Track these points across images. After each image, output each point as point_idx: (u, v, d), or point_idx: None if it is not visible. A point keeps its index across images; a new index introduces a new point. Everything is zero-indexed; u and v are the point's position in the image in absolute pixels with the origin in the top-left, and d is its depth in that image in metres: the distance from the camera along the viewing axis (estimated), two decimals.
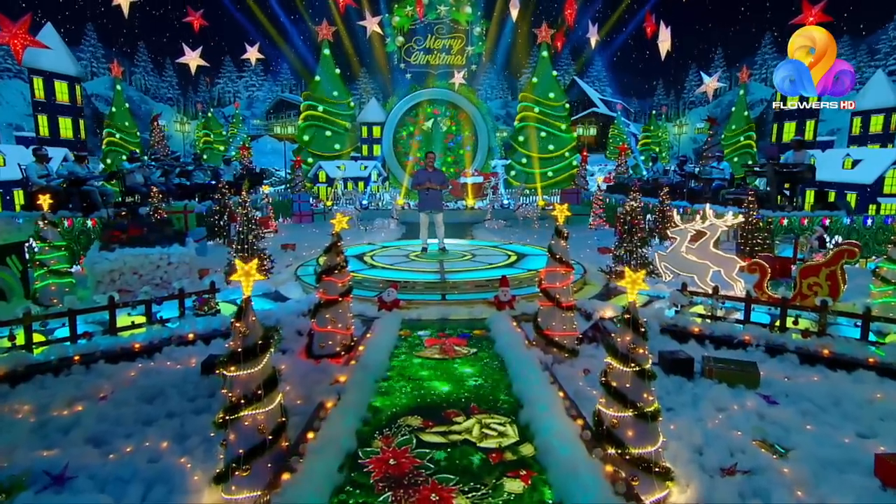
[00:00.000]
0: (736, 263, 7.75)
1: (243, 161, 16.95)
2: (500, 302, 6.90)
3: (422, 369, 4.90)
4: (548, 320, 5.39)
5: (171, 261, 7.27)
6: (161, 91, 23.98)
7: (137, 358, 5.19)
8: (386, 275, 7.96)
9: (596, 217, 15.70)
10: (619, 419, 3.09)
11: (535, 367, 4.57)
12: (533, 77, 22.09)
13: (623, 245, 8.33)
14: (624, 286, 3.21)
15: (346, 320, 5.46)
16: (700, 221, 7.81)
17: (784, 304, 5.54)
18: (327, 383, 4.42)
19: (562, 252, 5.35)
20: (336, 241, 5.45)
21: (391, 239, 13.18)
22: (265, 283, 7.97)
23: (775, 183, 11.05)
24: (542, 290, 5.43)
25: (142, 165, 12.41)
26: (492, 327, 6.09)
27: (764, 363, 5.01)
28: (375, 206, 19.30)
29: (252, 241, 8.01)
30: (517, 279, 7.77)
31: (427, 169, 9.78)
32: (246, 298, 2.96)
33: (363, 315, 6.69)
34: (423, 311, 6.76)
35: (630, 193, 8.50)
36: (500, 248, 10.59)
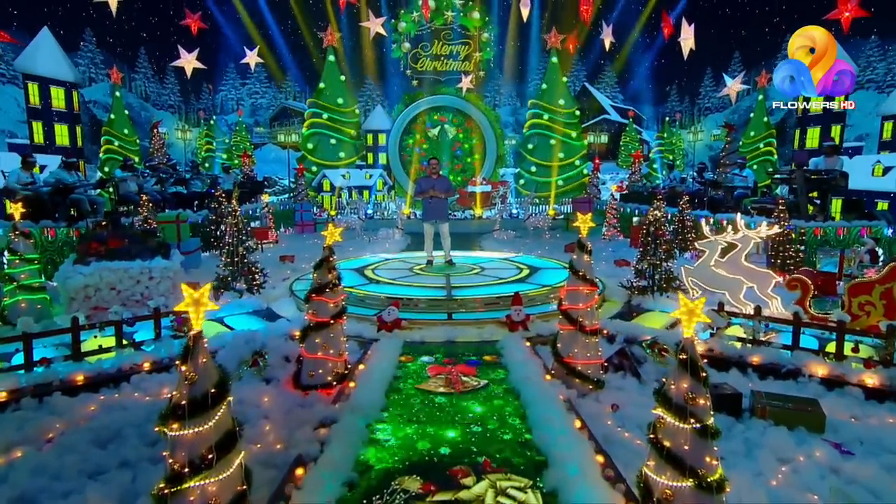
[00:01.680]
0: (771, 278, 7.05)
1: (244, 169, 16.42)
2: (513, 322, 6.23)
3: (424, 407, 4.20)
4: (569, 346, 4.71)
5: (153, 275, 6.66)
6: (162, 98, 23.57)
7: (102, 388, 4.56)
8: (387, 291, 7.30)
9: (610, 227, 15.01)
10: (675, 490, 2.41)
11: (558, 408, 3.87)
12: (542, 83, 21.55)
13: (646, 258, 7.64)
14: (676, 317, 2.55)
15: (338, 345, 4.81)
16: (731, 233, 7.12)
17: (842, 327, 4.83)
18: (313, 425, 3.76)
19: (585, 268, 4.68)
20: (328, 255, 4.82)
21: (395, 250, 12.55)
22: (255, 300, 7.35)
23: (805, 191, 10.33)
24: (562, 311, 4.75)
25: (136, 173, 11.88)
26: (504, 352, 5.41)
27: (822, 398, 4.29)
28: (381, 216, 18.76)
29: (243, 253, 7.39)
30: (530, 296, 7.10)
31: (431, 176, 9.15)
32: (195, 334, 2.32)
33: (361, 336, 6.04)
34: (428, 332, 6.09)
35: (654, 202, 7.80)
36: (510, 260, 9.92)
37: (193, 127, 24.11)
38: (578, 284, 4.67)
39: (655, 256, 7.53)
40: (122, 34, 20.04)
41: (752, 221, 10.76)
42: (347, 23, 21.72)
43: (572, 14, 19.95)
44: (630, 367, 5.00)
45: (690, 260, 10.54)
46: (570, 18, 21.04)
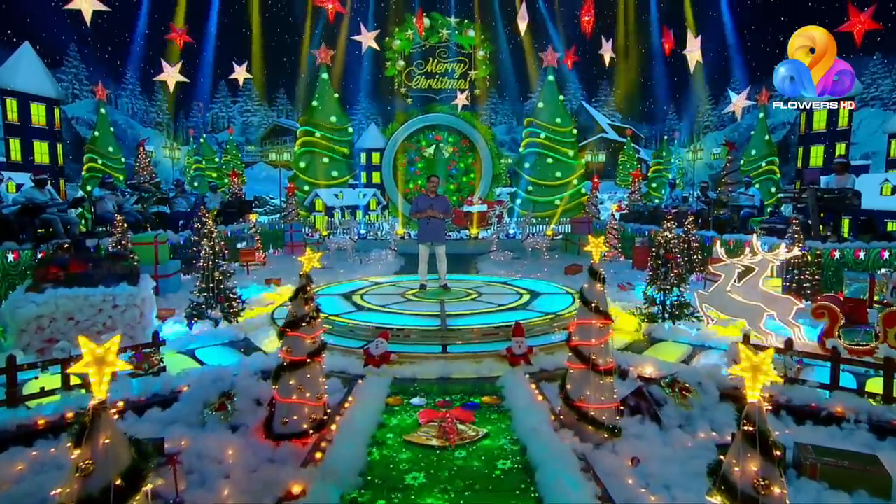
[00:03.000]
0: (793, 305, 6.50)
1: (232, 188, 15.84)
2: (514, 356, 5.63)
3: (412, 468, 3.55)
4: (580, 388, 4.12)
5: (118, 303, 6.03)
6: (150, 115, 23.03)
7: (37, 440, 3.92)
8: (376, 319, 6.69)
9: (610, 247, 14.47)
10: None
11: (572, 469, 3.25)
12: (539, 102, 21.24)
13: (656, 282, 7.08)
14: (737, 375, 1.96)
15: (317, 388, 4.20)
16: (749, 255, 6.59)
17: (892, 365, 4.25)
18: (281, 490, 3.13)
19: (598, 299, 4.11)
20: (304, 283, 4.23)
21: (388, 273, 11.97)
22: (231, 330, 6.72)
23: (816, 210, 9.84)
24: (571, 347, 4.17)
25: (114, 191, 11.30)
26: (506, 393, 4.80)
27: (875, 450, 3.71)
28: (374, 236, 18.21)
29: (219, 278, 6.78)
30: (531, 325, 6.51)
31: (429, 195, 8.61)
32: (95, 405, 1.72)
33: (345, 372, 5.42)
34: (420, 367, 5.49)
35: (663, 222, 7.27)
36: (508, 283, 9.33)
37: (182, 145, 23.59)
38: (591, 317, 4.09)
39: (666, 281, 6.97)
40: (109, 50, 19.56)
41: (764, 242, 10.28)
42: (344, 41, 21.42)
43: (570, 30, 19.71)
44: (649, 411, 4.40)
45: (697, 283, 10.02)
46: (569, 34, 20.82)
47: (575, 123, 21.76)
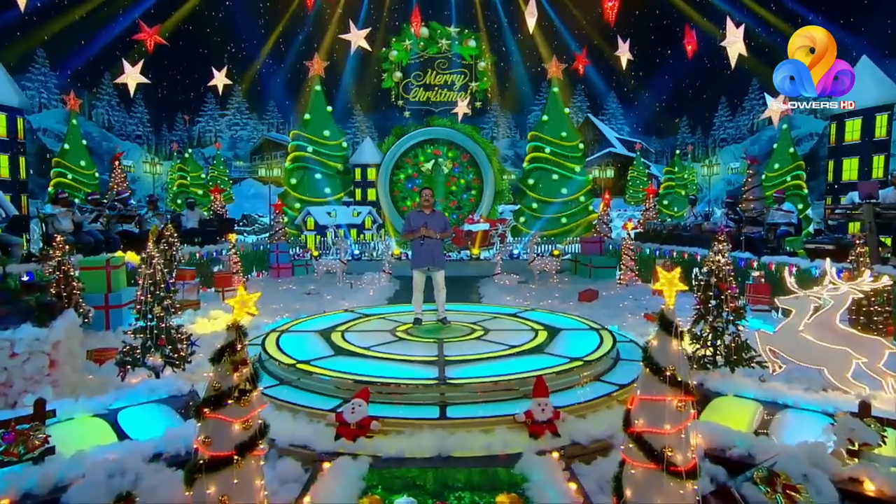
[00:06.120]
0: (884, 348, 5.13)
1: (213, 205, 14.54)
2: (536, 423, 4.22)
3: None
4: (646, 495, 2.73)
5: (16, 350, 4.64)
6: (129, 128, 21.74)
7: None
8: (356, 368, 5.28)
9: (626, 270, 13.12)
10: None
11: None
12: (543, 114, 20.11)
13: (706, 319, 5.68)
14: None
15: (251, 495, 2.81)
16: (829, 285, 5.23)
17: None
18: None
19: (673, 363, 2.74)
20: (234, 339, 2.85)
21: (380, 300, 10.59)
22: (176, 380, 5.29)
23: (875, 229, 8.53)
24: (633, 436, 2.79)
25: (70, 208, 9.99)
26: (530, 490, 3.39)
27: None
28: (368, 257, 16.91)
29: (160, 314, 5.39)
30: (553, 375, 5.11)
31: (424, 210, 7.28)
32: None
33: (307, 447, 4.02)
34: (409, 440, 4.07)
35: (713, 243, 5.87)
36: (519, 317, 7.92)
37: (165, 160, 22.30)
38: (663, 391, 2.72)
39: (721, 318, 5.57)
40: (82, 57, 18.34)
41: (812, 267, 8.93)
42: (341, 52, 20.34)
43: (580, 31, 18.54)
44: None
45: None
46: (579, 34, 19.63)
47: (581, 138, 20.61)
